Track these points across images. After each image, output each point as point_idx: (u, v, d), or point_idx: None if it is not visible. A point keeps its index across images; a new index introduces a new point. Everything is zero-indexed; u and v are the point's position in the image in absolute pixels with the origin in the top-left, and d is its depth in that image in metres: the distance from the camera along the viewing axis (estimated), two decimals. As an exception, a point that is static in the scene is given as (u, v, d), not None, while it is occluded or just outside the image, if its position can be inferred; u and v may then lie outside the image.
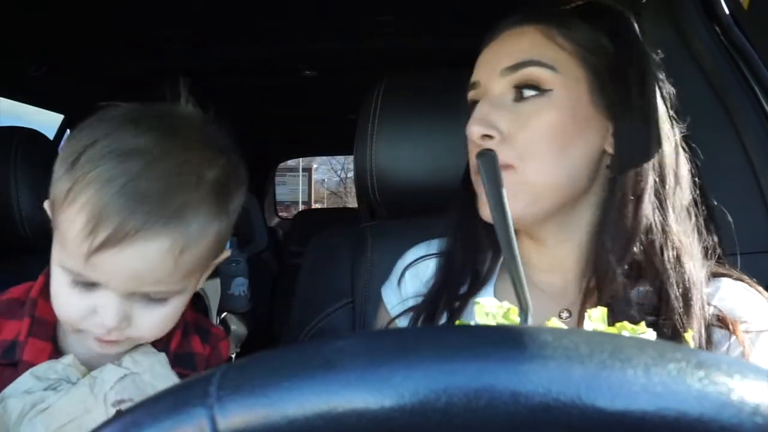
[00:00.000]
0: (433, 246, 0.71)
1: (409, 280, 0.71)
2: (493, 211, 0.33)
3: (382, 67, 1.16)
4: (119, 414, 0.23)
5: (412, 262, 0.72)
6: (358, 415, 0.21)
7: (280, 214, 3.87)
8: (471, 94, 0.63)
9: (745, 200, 0.80)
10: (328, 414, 0.21)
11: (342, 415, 0.21)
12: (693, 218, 0.58)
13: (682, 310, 0.52)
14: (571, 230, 0.60)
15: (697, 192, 0.60)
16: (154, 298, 0.55)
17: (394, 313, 0.70)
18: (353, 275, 0.89)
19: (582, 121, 0.57)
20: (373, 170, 0.86)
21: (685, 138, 0.61)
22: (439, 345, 0.22)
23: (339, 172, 12.06)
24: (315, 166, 11.76)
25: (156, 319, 0.57)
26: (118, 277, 0.53)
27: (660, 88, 0.60)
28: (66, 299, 0.55)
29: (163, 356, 0.59)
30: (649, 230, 0.55)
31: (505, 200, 0.32)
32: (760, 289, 0.57)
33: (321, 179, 12.69)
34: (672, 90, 0.61)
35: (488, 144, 0.57)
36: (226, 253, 0.62)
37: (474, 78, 0.62)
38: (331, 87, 2.08)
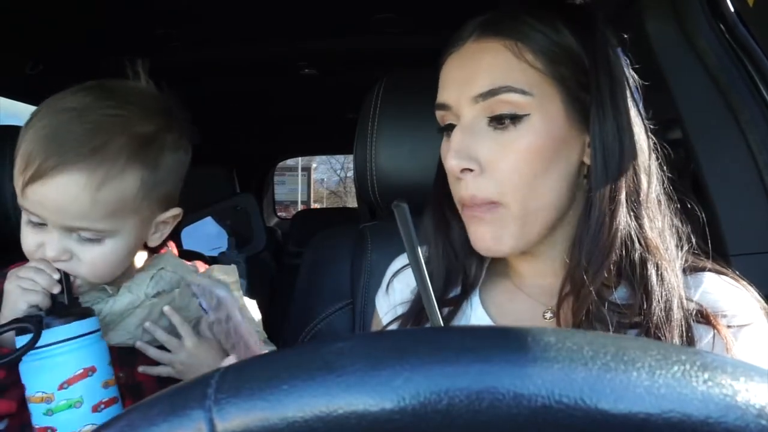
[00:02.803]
0: (422, 252, 0.70)
1: (397, 287, 0.71)
2: (409, 254, 0.38)
3: (383, 66, 1.16)
4: (116, 418, 0.23)
5: (400, 269, 0.71)
6: (359, 417, 0.21)
7: (279, 214, 3.87)
8: (441, 115, 0.61)
9: (748, 199, 0.80)
10: (327, 416, 0.21)
11: (342, 418, 0.21)
12: (665, 209, 0.58)
13: (662, 314, 0.52)
14: (556, 241, 0.60)
15: (667, 184, 0.59)
16: (87, 238, 0.64)
17: (385, 320, 0.70)
18: (353, 276, 0.89)
19: (559, 139, 0.56)
20: (373, 170, 0.86)
21: (658, 131, 0.60)
22: (440, 346, 0.22)
23: (339, 172, 12.06)
24: (314, 165, 11.77)
25: (95, 257, 0.65)
26: (46, 208, 0.62)
27: (627, 79, 0.58)
28: (24, 234, 0.66)
29: (176, 255, 0.75)
30: (626, 241, 0.55)
31: (417, 245, 0.38)
32: (744, 283, 0.57)
33: (320, 179, 12.70)
34: (637, 78, 0.60)
35: (468, 177, 0.56)
36: (174, 211, 0.71)
37: (443, 99, 0.60)
38: (331, 86, 2.07)
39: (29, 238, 0.65)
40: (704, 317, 0.53)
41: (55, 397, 0.58)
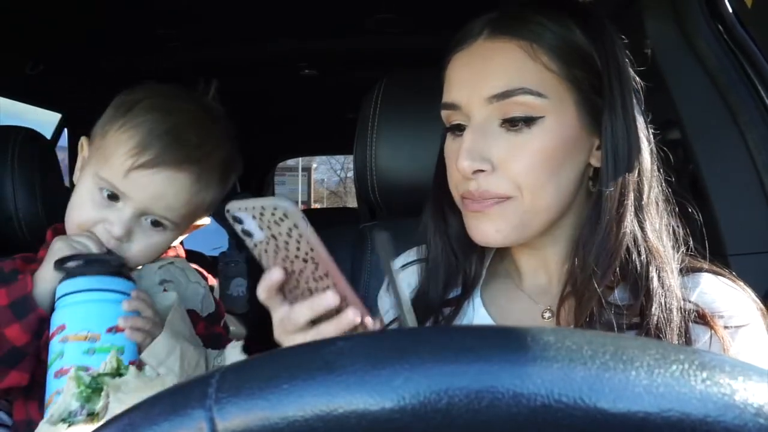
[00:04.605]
0: (423, 251, 0.71)
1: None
2: (389, 282, 0.41)
3: (383, 66, 1.16)
4: (116, 417, 0.23)
5: (400, 268, 0.71)
6: (359, 416, 0.21)
7: (279, 213, 3.85)
8: (448, 114, 0.59)
9: (747, 199, 0.80)
10: (327, 416, 0.21)
11: (342, 417, 0.21)
12: (662, 211, 0.58)
13: (662, 315, 0.52)
14: (557, 240, 0.60)
15: (665, 185, 0.59)
16: (155, 224, 0.70)
17: (387, 319, 0.70)
18: (353, 276, 0.89)
19: (571, 141, 0.56)
20: (373, 170, 0.86)
21: (657, 133, 0.60)
22: (440, 346, 0.22)
23: (339, 172, 12.06)
24: (314, 165, 11.77)
25: (148, 244, 0.71)
26: (144, 193, 0.68)
27: (632, 81, 0.58)
28: (85, 208, 0.69)
29: (183, 259, 0.81)
30: (630, 245, 0.55)
31: (396, 274, 0.42)
32: (741, 284, 0.57)
33: (320, 179, 12.71)
34: (639, 80, 0.60)
35: (480, 176, 0.56)
36: (205, 219, 0.81)
37: (451, 98, 0.58)
38: (331, 86, 2.07)
39: (91, 213, 0.69)
40: (701, 318, 0.53)
41: (101, 338, 0.62)
